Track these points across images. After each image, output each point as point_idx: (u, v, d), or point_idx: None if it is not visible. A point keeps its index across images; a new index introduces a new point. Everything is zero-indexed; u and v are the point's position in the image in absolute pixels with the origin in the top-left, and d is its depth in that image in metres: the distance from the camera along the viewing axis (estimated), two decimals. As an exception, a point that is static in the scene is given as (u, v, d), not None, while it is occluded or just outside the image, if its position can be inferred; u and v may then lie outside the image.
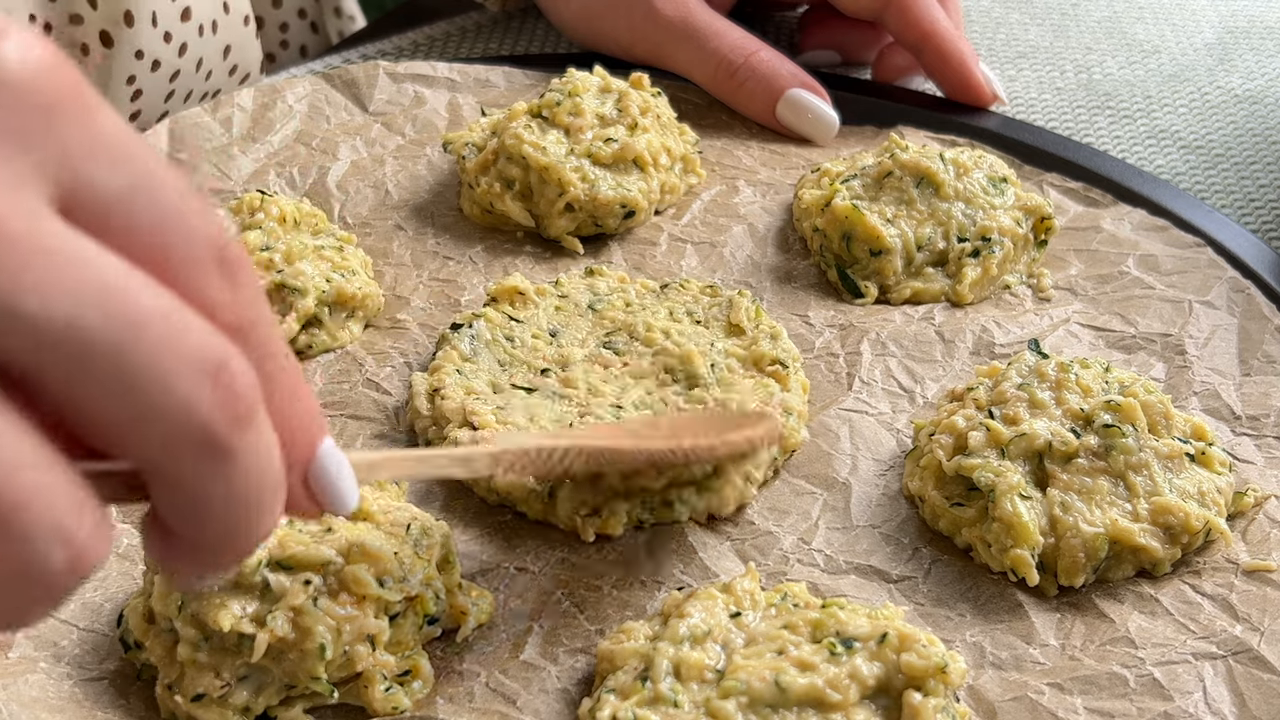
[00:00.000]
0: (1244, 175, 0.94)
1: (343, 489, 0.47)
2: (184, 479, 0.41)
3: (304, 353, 0.76)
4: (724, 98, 0.93)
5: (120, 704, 0.59)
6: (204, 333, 0.40)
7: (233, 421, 0.40)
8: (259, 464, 0.42)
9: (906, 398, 0.74)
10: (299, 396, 0.45)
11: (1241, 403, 0.73)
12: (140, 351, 0.38)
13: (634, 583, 0.64)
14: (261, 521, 0.43)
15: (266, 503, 0.43)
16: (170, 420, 0.39)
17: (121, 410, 0.39)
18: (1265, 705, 0.58)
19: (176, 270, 0.41)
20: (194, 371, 0.39)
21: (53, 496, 0.37)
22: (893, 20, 0.92)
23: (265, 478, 0.42)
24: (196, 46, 0.96)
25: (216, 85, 1.00)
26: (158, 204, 0.40)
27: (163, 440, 0.39)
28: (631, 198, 0.83)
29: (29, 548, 0.37)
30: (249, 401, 0.41)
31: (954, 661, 0.56)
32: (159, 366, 0.38)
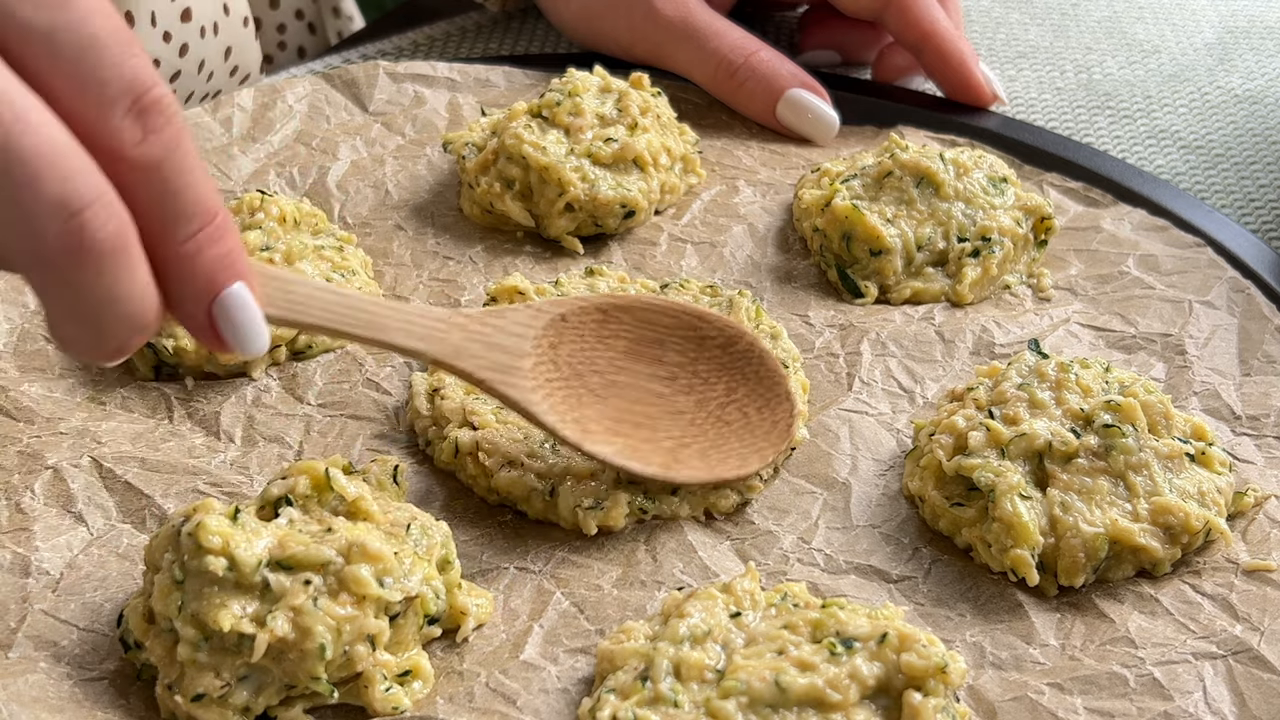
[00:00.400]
0: (1244, 175, 0.94)
1: (246, 331, 0.55)
2: (38, 291, 0.49)
3: (304, 353, 0.76)
4: (724, 98, 0.93)
5: (120, 704, 0.59)
6: (76, 174, 0.47)
7: (72, 257, 0.47)
8: (105, 294, 0.49)
9: (906, 398, 0.74)
10: (212, 239, 0.52)
11: (1241, 403, 0.73)
12: (11, 180, 0.46)
13: (634, 583, 0.64)
14: (116, 339, 0.51)
15: (116, 329, 0.51)
16: (23, 244, 0.47)
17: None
18: (1265, 705, 0.58)
19: (85, 105, 0.47)
20: (49, 209, 0.46)
21: None
22: (893, 20, 0.92)
23: (115, 307, 0.50)
24: (198, 47, 0.96)
25: (217, 86, 1.00)
26: (77, 46, 0.47)
27: (21, 259, 0.48)
28: (631, 198, 0.83)
29: None
30: (103, 242, 0.48)
31: (954, 661, 0.56)
32: (19, 198, 0.46)
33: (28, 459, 0.69)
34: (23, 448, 0.70)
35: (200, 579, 0.57)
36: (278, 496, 0.61)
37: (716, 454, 0.66)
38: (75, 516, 0.67)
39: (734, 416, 0.67)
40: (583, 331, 0.66)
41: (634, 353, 0.67)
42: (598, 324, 0.66)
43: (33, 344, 0.76)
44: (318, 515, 0.60)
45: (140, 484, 0.68)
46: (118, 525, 0.66)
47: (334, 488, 0.61)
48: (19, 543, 0.65)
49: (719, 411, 0.67)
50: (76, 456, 0.70)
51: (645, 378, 0.67)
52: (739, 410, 0.67)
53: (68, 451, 0.70)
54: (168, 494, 0.68)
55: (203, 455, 0.70)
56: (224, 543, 0.57)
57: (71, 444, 0.70)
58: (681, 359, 0.67)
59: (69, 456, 0.70)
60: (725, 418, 0.67)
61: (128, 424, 0.72)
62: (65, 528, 0.66)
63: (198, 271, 0.52)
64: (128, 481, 0.68)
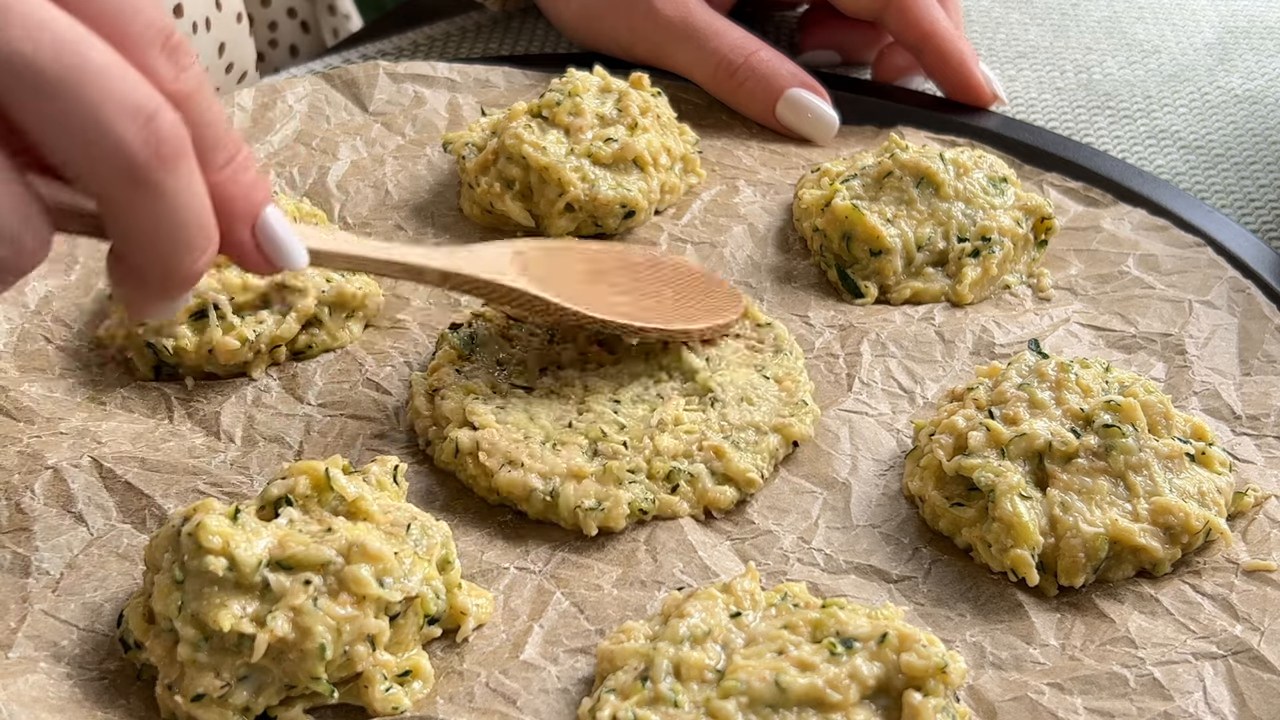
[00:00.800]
0: (1244, 175, 0.94)
1: (287, 244, 0.58)
2: (119, 207, 0.51)
3: (304, 353, 0.76)
4: (724, 97, 0.93)
5: (120, 704, 0.59)
6: (140, 85, 0.50)
7: (157, 159, 0.50)
8: (182, 201, 0.52)
9: (906, 398, 0.74)
10: (244, 166, 0.56)
11: (1241, 402, 0.73)
12: (83, 93, 0.48)
13: (634, 583, 0.64)
14: (191, 255, 0.54)
15: (194, 239, 0.53)
16: (106, 152, 0.49)
17: (70, 141, 0.49)
18: (1265, 705, 0.58)
19: (126, 41, 0.50)
20: (127, 114, 0.49)
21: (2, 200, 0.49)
22: (893, 20, 0.92)
23: (189, 214, 0.53)
24: (192, 41, 0.96)
25: (214, 84, 1.00)
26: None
27: (101, 170, 0.50)
28: (631, 198, 0.83)
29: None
30: (174, 146, 0.51)
31: (954, 661, 0.56)
32: (98, 106, 0.49)
33: (28, 459, 0.69)
34: (23, 448, 0.70)
35: (200, 579, 0.57)
36: (278, 496, 0.61)
37: (699, 319, 0.74)
38: (75, 516, 0.67)
39: (693, 309, 0.75)
40: (541, 261, 0.73)
41: (588, 278, 0.74)
42: (549, 258, 0.74)
43: (33, 344, 0.76)
44: (318, 515, 0.61)
45: (140, 484, 0.68)
46: (118, 525, 0.66)
47: (334, 488, 0.61)
48: (19, 543, 0.65)
49: (676, 304, 0.75)
50: (76, 456, 0.70)
51: (605, 293, 0.74)
52: (693, 299, 0.76)
53: (68, 451, 0.70)
54: (168, 494, 0.68)
55: (203, 455, 0.70)
56: (224, 543, 0.57)
57: (71, 444, 0.70)
58: (627, 280, 0.75)
59: (69, 456, 0.70)
60: (684, 311, 0.74)
61: (128, 424, 0.72)
62: (65, 528, 0.66)
63: (238, 194, 0.56)
64: (128, 481, 0.68)
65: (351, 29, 1.20)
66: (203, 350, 0.73)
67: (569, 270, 0.74)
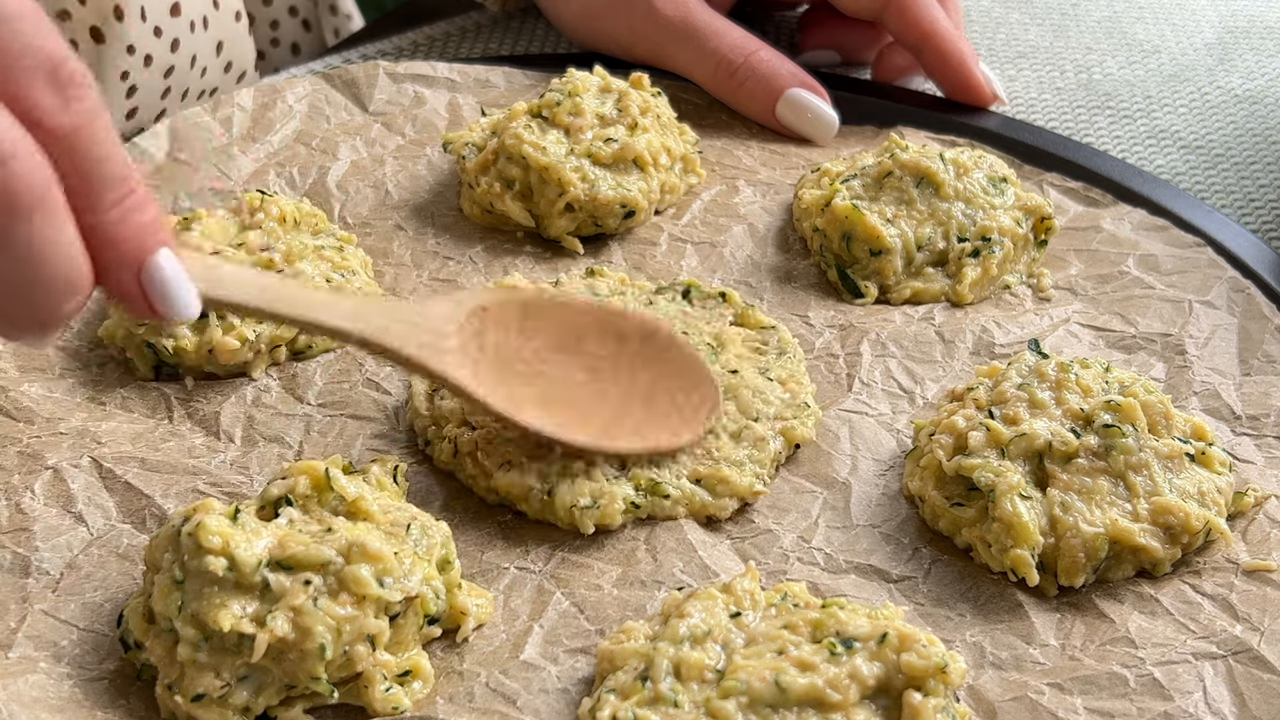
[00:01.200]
0: (1244, 175, 0.94)
1: (175, 295, 0.56)
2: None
3: (304, 353, 0.76)
4: (724, 97, 0.93)
5: (120, 704, 0.59)
6: (0, 130, 0.48)
7: (5, 210, 0.48)
8: (37, 251, 0.50)
9: (906, 398, 0.74)
10: (135, 207, 0.54)
11: (1241, 403, 0.73)
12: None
13: (634, 583, 0.64)
14: (51, 302, 0.52)
15: (53, 287, 0.51)
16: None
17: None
18: (1265, 705, 0.58)
19: (4, 81, 0.49)
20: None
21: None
22: (892, 20, 0.92)
23: (46, 264, 0.51)
24: (188, 42, 0.96)
25: (213, 83, 1.00)
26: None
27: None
28: (631, 198, 0.83)
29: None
30: (28, 194, 0.49)
31: (954, 661, 0.56)
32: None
33: (28, 459, 0.69)
34: (23, 448, 0.70)
35: (200, 579, 0.57)
36: (278, 496, 0.61)
37: (648, 428, 0.68)
38: (75, 516, 0.67)
39: (660, 400, 0.69)
40: (505, 323, 0.68)
41: (556, 345, 0.69)
42: (519, 318, 0.68)
43: (33, 344, 0.76)
44: (318, 515, 0.61)
45: (140, 484, 0.68)
46: (118, 525, 0.66)
47: (334, 488, 0.61)
48: (19, 543, 0.65)
49: (645, 397, 0.69)
50: (76, 457, 0.70)
51: (570, 368, 0.69)
52: (665, 394, 0.69)
53: (68, 452, 0.70)
54: (168, 494, 0.68)
55: (203, 455, 0.70)
56: (224, 543, 0.57)
57: (71, 444, 0.70)
58: (603, 352, 0.69)
59: (69, 457, 0.70)
60: (652, 402, 0.69)
61: (128, 424, 0.72)
62: (65, 528, 0.66)
63: (125, 236, 0.54)
64: (128, 481, 0.68)
65: (353, 28, 1.19)
66: (202, 350, 0.73)
67: (536, 336, 0.68)
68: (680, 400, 0.69)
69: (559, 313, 0.69)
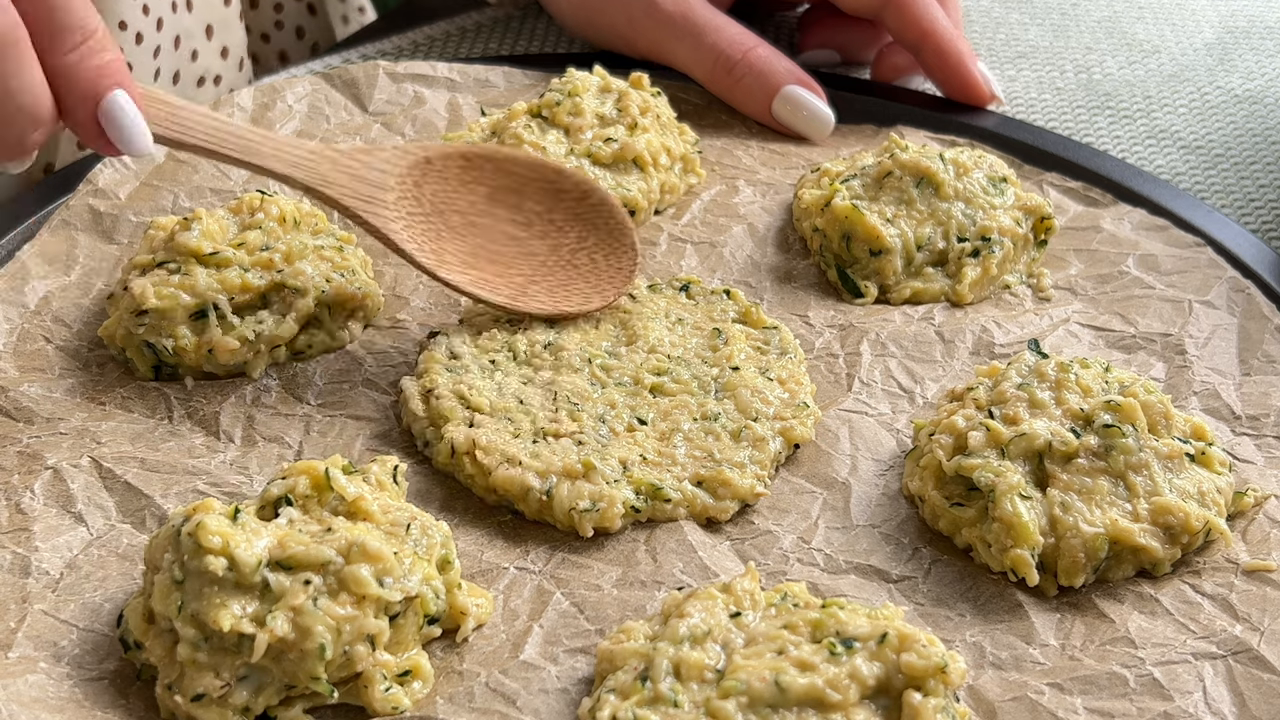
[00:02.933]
0: (1244, 175, 0.94)
1: (129, 131, 0.64)
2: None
3: (304, 353, 0.76)
4: (721, 93, 0.93)
5: (120, 704, 0.59)
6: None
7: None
8: (4, 86, 0.60)
9: (906, 398, 0.74)
10: (93, 50, 0.62)
11: (1241, 403, 0.73)
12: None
13: (634, 583, 0.64)
14: (17, 131, 0.62)
15: (18, 119, 0.61)
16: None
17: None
18: (1265, 705, 0.58)
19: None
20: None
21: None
22: (891, 19, 0.92)
23: (14, 98, 0.61)
24: (171, 21, 0.96)
25: (207, 66, 1.00)
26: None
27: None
28: (631, 198, 0.83)
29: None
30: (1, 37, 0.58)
31: (954, 661, 0.56)
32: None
33: (28, 459, 0.69)
34: (23, 448, 0.70)
35: (200, 579, 0.57)
36: (278, 496, 0.61)
37: (563, 291, 0.72)
38: (75, 516, 0.67)
39: (582, 261, 0.73)
40: (446, 175, 0.72)
41: (494, 198, 0.73)
42: (461, 169, 0.72)
43: (33, 344, 0.76)
44: (318, 515, 0.60)
45: (140, 484, 0.68)
46: (118, 525, 0.66)
47: (334, 488, 0.61)
48: (19, 543, 0.65)
49: (569, 256, 0.73)
50: (76, 457, 0.70)
51: (503, 221, 0.73)
52: (588, 256, 0.73)
53: (67, 452, 0.70)
54: (168, 494, 0.68)
55: (203, 455, 0.70)
56: (224, 543, 0.57)
57: (71, 444, 0.70)
58: (538, 207, 0.74)
59: (69, 457, 0.70)
60: (575, 262, 0.73)
61: (128, 424, 0.72)
62: (65, 528, 0.66)
63: (82, 76, 0.62)
64: (127, 482, 0.68)
65: (359, 15, 1.19)
66: (202, 350, 0.73)
67: (476, 187, 0.72)
68: (600, 262, 0.74)
69: (501, 164, 0.74)
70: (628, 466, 0.67)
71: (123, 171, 0.85)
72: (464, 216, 0.71)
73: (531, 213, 0.73)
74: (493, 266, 0.71)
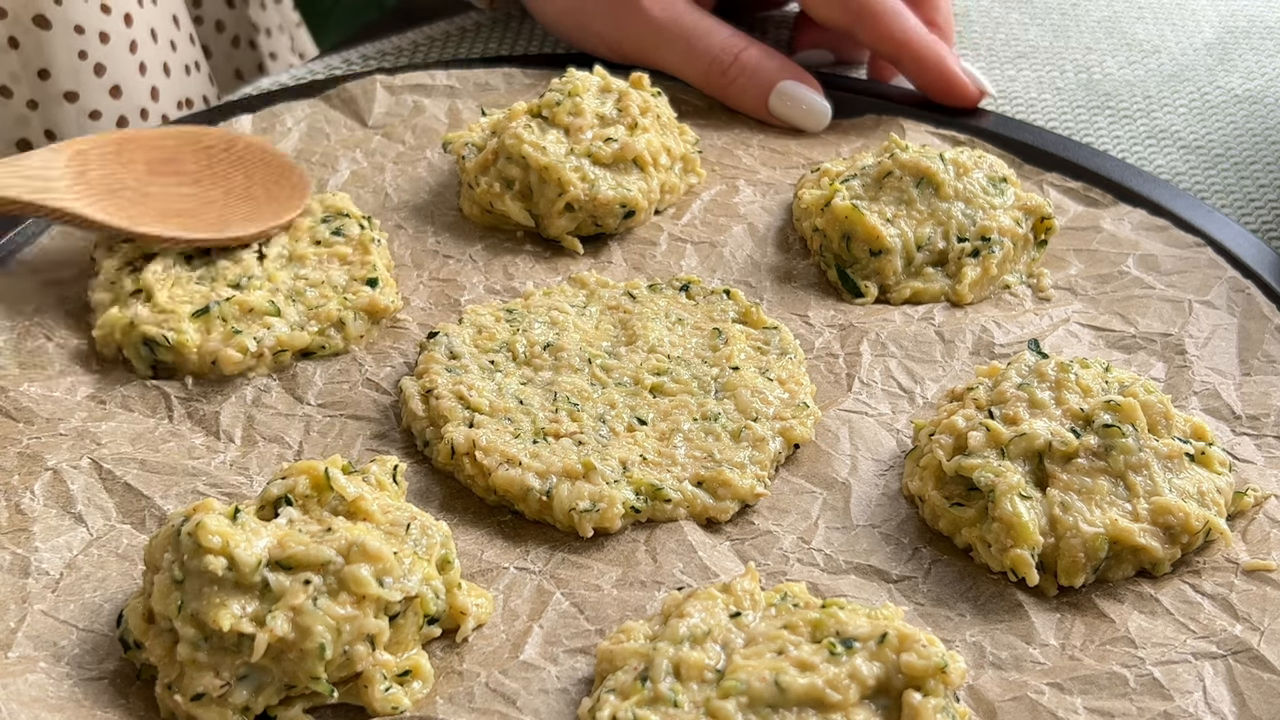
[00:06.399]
0: (1244, 175, 0.94)
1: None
2: None
3: (313, 354, 0.76)
4: (716, 94, 0.93)
5: (120, 704, 0.59)
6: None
7: None
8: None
9: (906, 398, 0.74)
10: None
11: (1241, 402, 0.73)
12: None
13: (634, 583, 0.64)
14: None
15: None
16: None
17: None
18: (1265, 705, 0.58)
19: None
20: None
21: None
22: (866, 33, 0.92)
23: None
24: (141, 17, 0.96)
25: (191, 57, 1.00)
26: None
27: None
28: (631, 197, 0.83)
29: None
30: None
31: (954, 661, 0.56)
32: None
33: (28, 459, 0.69)
34: (23, 448, 0.70)
35: (200, 579, 0.57)
36: (278, 496, 0.61)
37: (256, 217, 0.78)
38: (75, 517, 0.67)
39: (259, 193, 0.79)
40: (104, 159, 0.77)
41: (154, 170, 0.78)
42: (115, 153, 0.77)
43: (33, 343, 0.76)
44: (317, 515, 0.60)
45: (140, 484, 0.68)
46: (117, 526, 0.66)
47: (334, 488, 0.61)
48: (19, 543, 0.65)
49: (245, 194, 0.79)
50: (76, 457, 0.70)
51: (173, 185, 0.78)
52: (261, 188, 0.80)
53: (67, 452, 0.70)
54: (168, 494, 0.68)
55: (203, 455, 0.70)
56: (224, 543, 0.57)
57: (71, 445, 0.70)
58: (197, 166, 0.80)
59: (69, 457, 0.70)
60: (252, 194, 0.78)
61: (128, 424, 0.72)
62: (65, 528, 0.66)
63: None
64: (127, 482, 0.68)
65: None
66: (205, 361, 0.73)
67: (134, 164, 0.77)
68: (274, 189, 0.79)
69: (149, 140, 0.79)
70: (628, 467, 0.67)
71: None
72: (135, 190, 0.76)
73: (194, 172, 0.79)
74: (182, 218, 0.76)
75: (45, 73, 0.93)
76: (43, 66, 0.93)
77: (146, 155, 0.79)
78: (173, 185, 0.78)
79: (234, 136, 0.82)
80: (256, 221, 0.77)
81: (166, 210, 0.76)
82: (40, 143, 0.95)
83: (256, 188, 0.80)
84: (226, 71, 1.16)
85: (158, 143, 0.79)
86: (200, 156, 0.80)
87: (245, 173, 0.80)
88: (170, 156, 0.79)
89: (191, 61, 1.03)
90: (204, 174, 0.79)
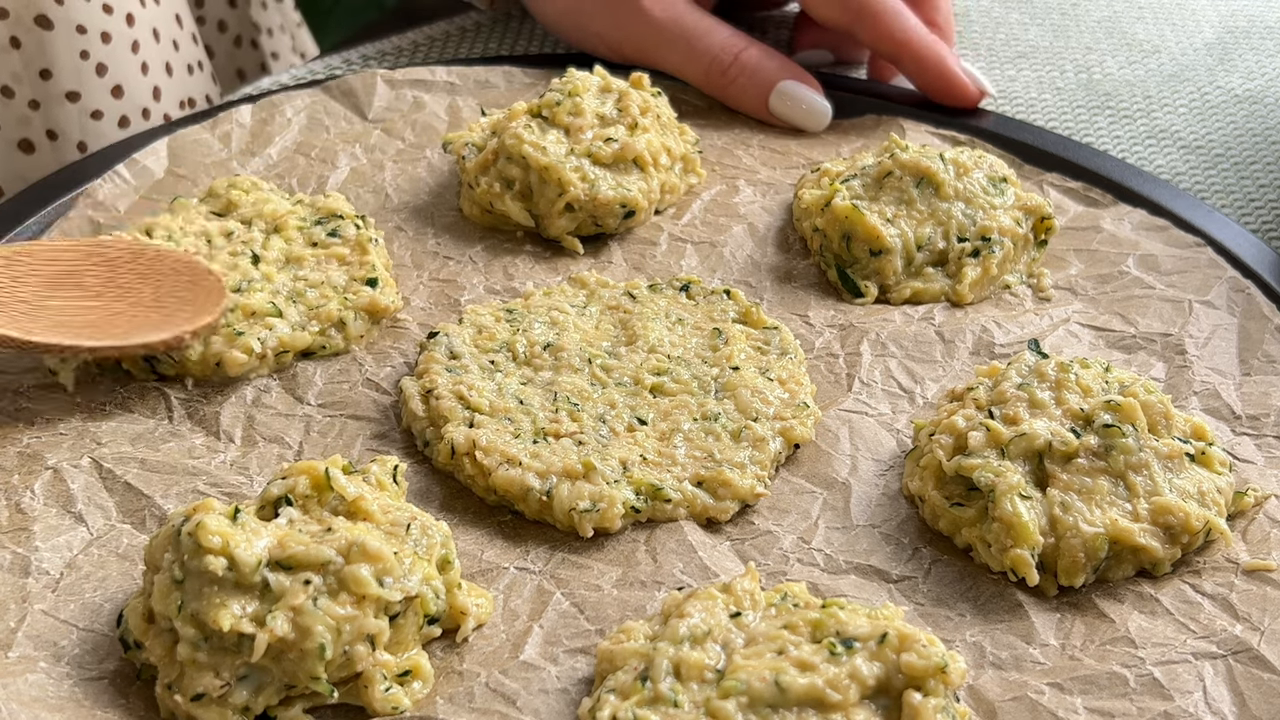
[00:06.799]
0: (1244, 175, 0.94)
1: None
2: None
3: (313, 354, 0.76)
4: (716, 95, 0.93)
5: (120, 704, 0.59)
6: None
7: None
8: None
9: (906, 398, 0.74)
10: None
11: (1241, 402, 0.73)
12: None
13: (634, 583, 0.64)
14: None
15: None
16: None
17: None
18: (1265, 705, 0.58)
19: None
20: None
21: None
22: (865, 33, 0.92)
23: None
24: (143, 16, 0.96)
25: (194, 56, 1.00)
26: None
27: None
28: (631, 197, 0.83)
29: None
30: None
31: (954, 661, 0.56)
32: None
33: (28, 459, 0.69)
34: (23, 448, 0.70)
35: (200, 579, 0.57)
36: (278, 496, 0.61)
37: (169, 322, 0.72)
38: (75, 517, 0.67)
39: (170, 301, 0.74)
40: None
41: (52, 284, 0.73)
42: (5, 268, 0.72)
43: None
44: (317, 515, 0.60)
45: (140, 484, 0.68)
46: (118, 525, 0.66)
47: (334, 488, 0.61)
48: (19, 543, 0.65)
49: (153, 303, 0.74)
50: (76, 457, 0.70)
51: (73, 299, 0.73)
52: (172, 295, 0.74)
53: (67, 452, 0.70)
54: (168, 494, 0.68)
55: (203, 455, 0.70)
56: (224, 543, 0.57)
57: (71, 444, 0.70)
58: (99, 280, 0.74)
59: (69, 457, 0.70)
60: (162, 303, 0.74)
61: (128, 424, 0.72)
62: (65, 528, 0.66)
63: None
64: (127, 482, 0.68)
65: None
66: (209, 363, 0.73)
67: (28, 279, 0.72)
68: (189, 296, 0.74)
69: (43, 254, 0.74)
70: (628, 467, 0.67)
71: (122, 185, 0.86)
72: (30, 304, 0.71)
73: (97, 286, 0.74)
74: (86, 330, 0.72)
75: (47, 73, 0.93)
76: (44, 66, 0.93)
77: (42, 269, 0.73)
78: (73, 299, 0.72)
79: (141, 246, 0.76)
80: (167, 329, 0.72)
81: (66, 323, 0.71)
82: (42, 143, 0.95)
83: (167, 296, 0.74)
84: (229, 71, 1.16)
85: (54, 256, 0.74)
86: (103, 269, 0.74)
87: (154, 284, 0.74)
88: (68, 270, 0.74)
89: (194, 61, 1.03)
90: (108, 286, 0.74)
